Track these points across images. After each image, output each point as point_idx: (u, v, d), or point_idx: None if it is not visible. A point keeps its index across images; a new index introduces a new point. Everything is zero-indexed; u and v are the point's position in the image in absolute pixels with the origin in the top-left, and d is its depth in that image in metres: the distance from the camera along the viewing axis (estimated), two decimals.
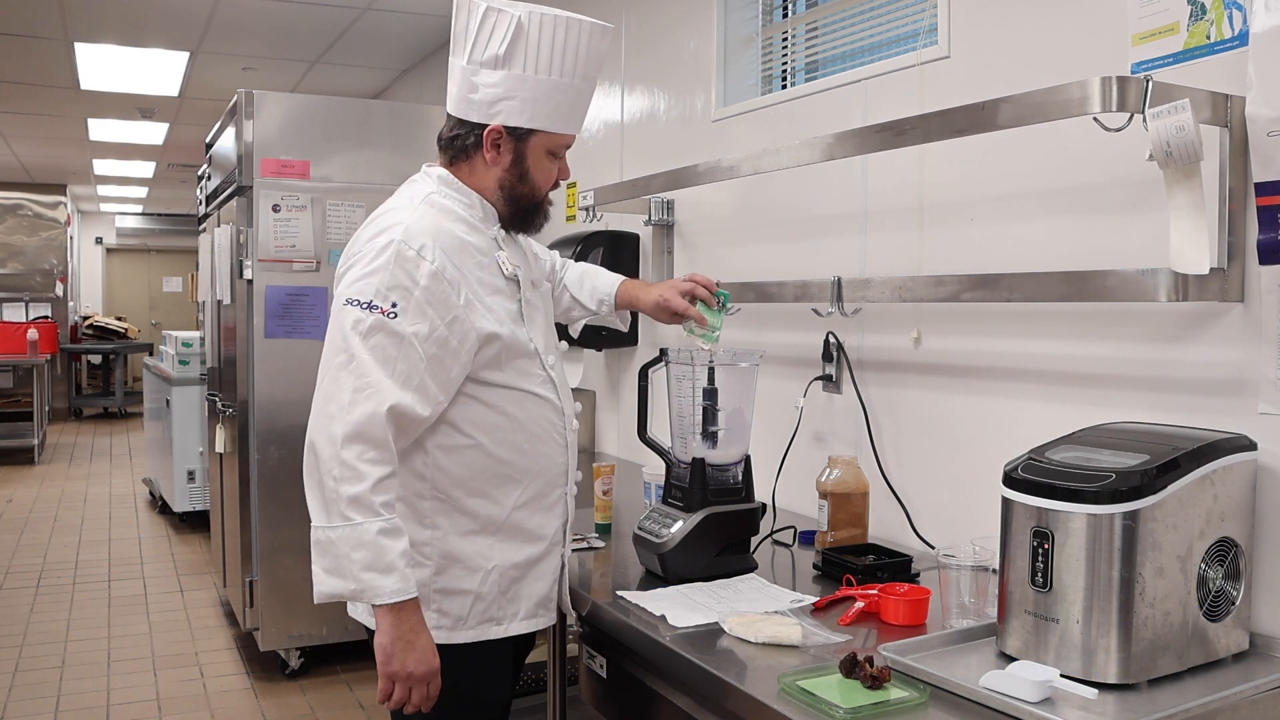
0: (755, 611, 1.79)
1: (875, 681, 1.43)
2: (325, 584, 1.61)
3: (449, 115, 1.81)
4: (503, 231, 1.84)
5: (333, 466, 1.58)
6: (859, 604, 1.81)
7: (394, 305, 1.63)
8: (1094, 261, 1.93)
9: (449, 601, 1.76)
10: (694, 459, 2.05)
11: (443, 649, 1.70)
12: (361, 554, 1.58)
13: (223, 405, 4.42)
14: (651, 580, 2.03)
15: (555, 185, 1.86)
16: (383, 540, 1.59)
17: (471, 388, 1.73)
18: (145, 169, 10.84)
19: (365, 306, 1.63)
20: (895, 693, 1.42)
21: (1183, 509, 1.49)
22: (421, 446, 1.73)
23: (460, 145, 1.80)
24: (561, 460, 1.85)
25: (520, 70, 1.71)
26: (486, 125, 1.75)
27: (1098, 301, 1.86)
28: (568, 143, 1.84)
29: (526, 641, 2.00)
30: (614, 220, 3.49)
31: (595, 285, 2.19)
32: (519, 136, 1.77)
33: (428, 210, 1.74)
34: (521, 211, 1.84)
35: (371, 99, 6.81)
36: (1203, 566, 1.53)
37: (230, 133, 4.13)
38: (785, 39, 3.04)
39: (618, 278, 2.19)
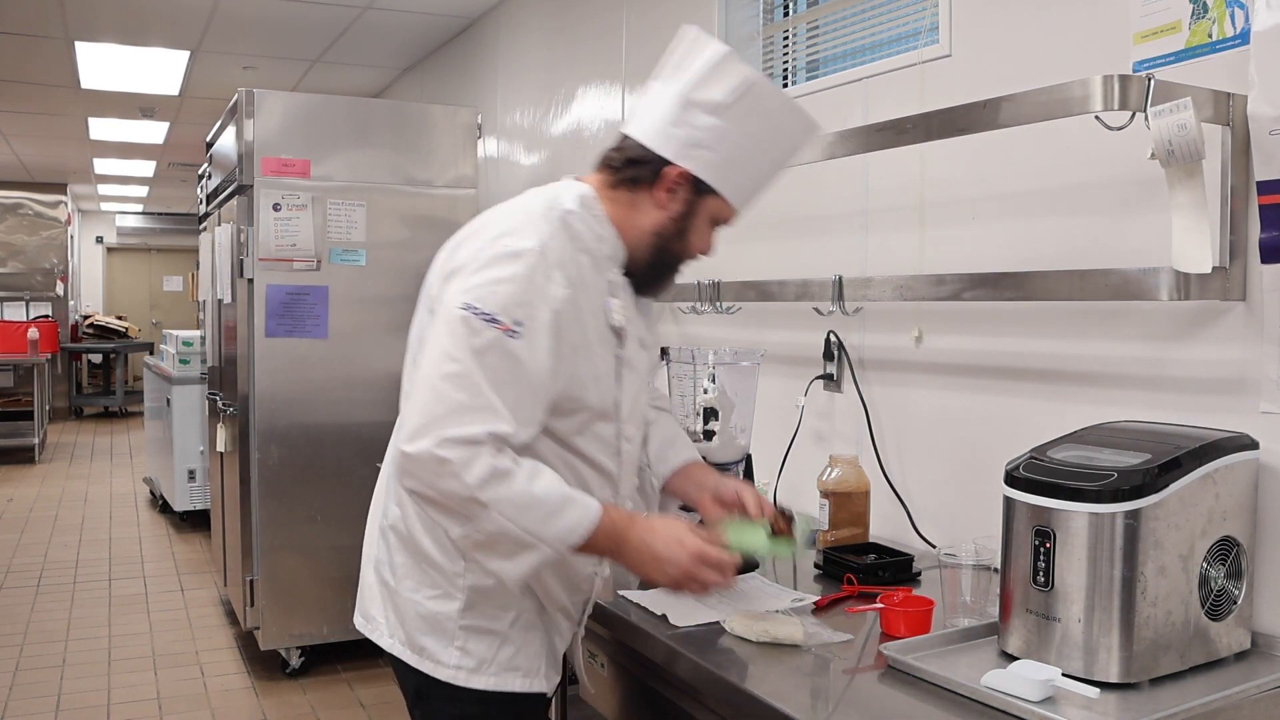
0: (756, 611, 1.79)
1: (779, 531, 1.70)
2: (519, 568, 1.50)
3: (628, 137, 1.65)
4: (622, 278, 1.67)
5: (440, 470, 1.45)
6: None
7: (518, 324, 1.49)
8: (1095, 260, 1.93)
9: (474, 640, 1.62)
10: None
11: (472, 692, 1.62)
12: (530, 516, 1.46)
13: (223, 404, 4.42)
14: None
15: (699, 257, 1.73)
16: (535, 488, 1.47)
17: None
18: (146, 168, 10.84)
19: (486, 318, 1.48)
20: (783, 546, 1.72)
21: (1184, 508, 1.49)
22: None
23: (635, 174, 1.63)
24: None
25: (734, 128, 1.59)
26: (672, 164, 1.60)
27: (1099, 300, 1.86)
28: (731, 219, 1.70)
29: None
30: None
31: (665, 453, 1.91)
32: (699, 190, 1.62)
33: (562, 230, 1.59)
34: (660, 266, 1.68)
35: (372, 98, 6.81)
36: (1204, 566, 1.53)
37: (231, 132, 4.13)
38: (786, 37, 3.04)
39: (691, 457, 1.92)
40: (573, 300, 1.55)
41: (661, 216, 1.63)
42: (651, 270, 1.68)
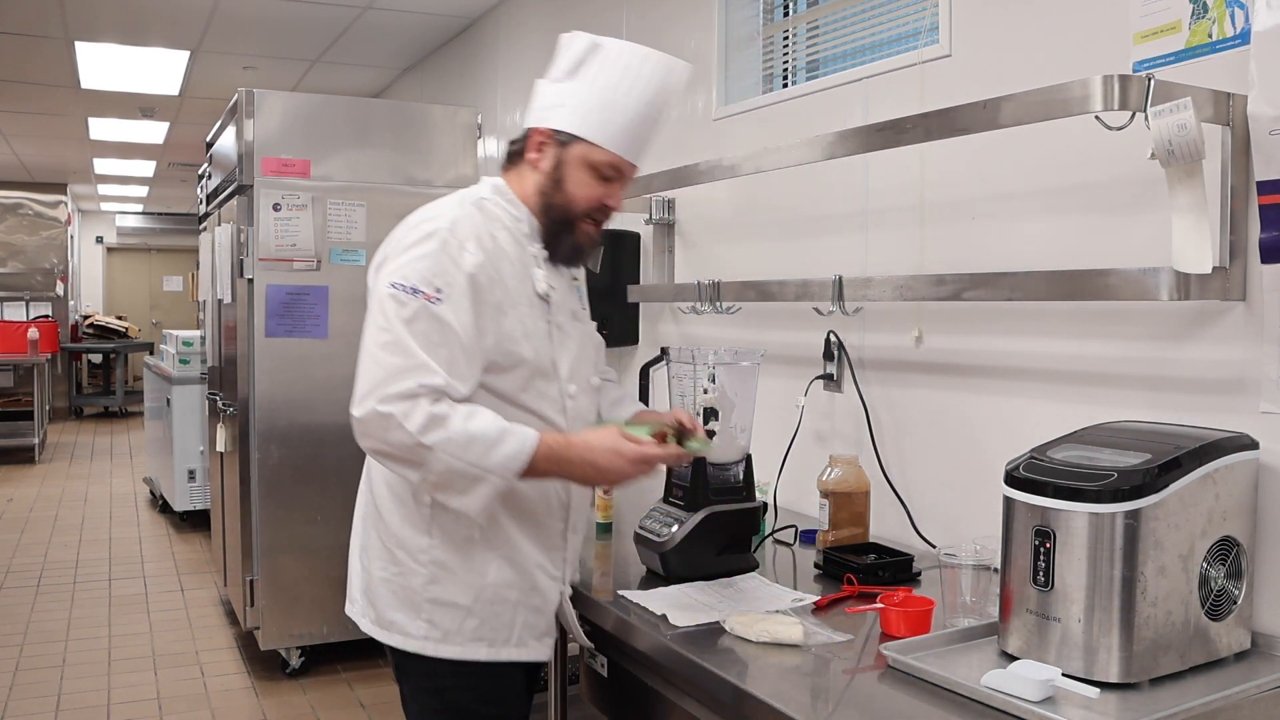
0: (756, 611, 1.79)
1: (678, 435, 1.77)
2: (476, 501, 1.62)
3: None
4: (544, 251, 1.81)
5: (386, 425, 1.58)
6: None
7: (438, 291, 1.64)
8: (1096, 260, 1.93)
9: (440, 612, 1.74)
10: (695, 458, 2.04)
11: (442, 662, 1.73)
12: (472, 451, 1.59)
13: (223, 404, 4.42)
14: (653, 579, 2.03)
15: (603, 213, 1.82)
16: (472, 426, 1.59)
17: (484, 395, 1.69)
18: (146, 168, 10.84)
19: (410, 291, 1.63)
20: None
21: (1184, 508, 1.49)
22: None
23: (514, 150, 1.83)
24: (557, 494, 1.80)
25: (583, 83, 1.74)
26: (536, 128, 1.78)
27: (1099, 300, 1.86)
28: (613, 162, 1.77)
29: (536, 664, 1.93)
30: (614, 219, 3.48)
31: (614, 410, 2.08)
32: (562, 142, 1.75)
33: (475, 211, 1.75)
34: (555, 225, 1.79)
35: (372, 98, 6.81)
36: (1204, 566, 1.53)
37: (231, 132, 4.13)
38: (786, 37, 3.04)
39: (637, 408, 2.08)
40: (489, 265, 1.69)
41: (538, 177, 1.78)
42: (552, 232, 1.80)
